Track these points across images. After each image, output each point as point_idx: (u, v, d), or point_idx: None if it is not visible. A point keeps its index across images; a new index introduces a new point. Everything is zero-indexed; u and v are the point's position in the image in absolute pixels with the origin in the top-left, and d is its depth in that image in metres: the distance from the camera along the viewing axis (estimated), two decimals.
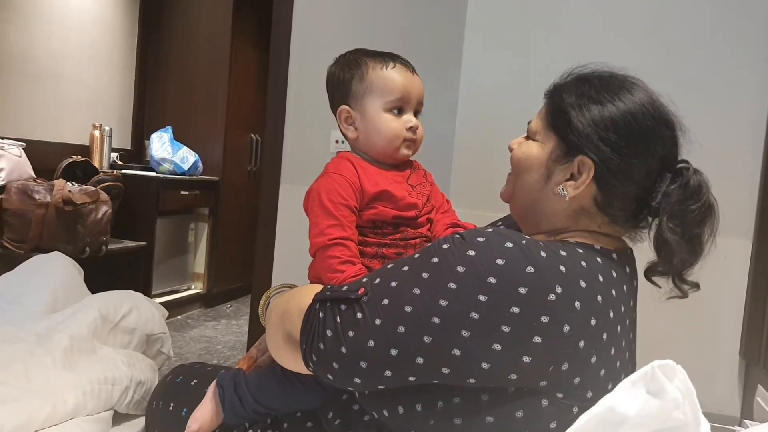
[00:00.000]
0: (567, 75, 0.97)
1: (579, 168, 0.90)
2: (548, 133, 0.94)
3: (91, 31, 3.74)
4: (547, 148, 0.93)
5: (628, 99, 0.89)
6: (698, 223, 0.87)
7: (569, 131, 0.90)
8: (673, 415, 0.67)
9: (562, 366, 0.79)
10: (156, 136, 3.90)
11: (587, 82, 0.92)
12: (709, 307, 1.77)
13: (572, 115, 0.90)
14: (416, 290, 0.82)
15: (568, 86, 0.94)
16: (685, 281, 0.91)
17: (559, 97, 0.93)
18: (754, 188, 1.75)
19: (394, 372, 0.83)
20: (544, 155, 0.94)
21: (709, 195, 0.89)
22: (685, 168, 0.90)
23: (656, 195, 0.88)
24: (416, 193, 1.11)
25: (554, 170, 0.92)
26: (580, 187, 0.90)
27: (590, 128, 0.88)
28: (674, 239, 0.86)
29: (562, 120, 0.91)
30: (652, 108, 0.90)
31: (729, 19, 1.76)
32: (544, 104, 0.97)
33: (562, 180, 0.92)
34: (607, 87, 0.91)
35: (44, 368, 1.40)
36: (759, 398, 1.63)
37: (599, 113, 0.88)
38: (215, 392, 1.10)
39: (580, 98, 0.90)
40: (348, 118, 1.12)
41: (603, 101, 0.89)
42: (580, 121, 0.89)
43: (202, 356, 3.24)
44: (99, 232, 2.98)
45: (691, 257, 0.88)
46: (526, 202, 0.98)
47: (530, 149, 0.96)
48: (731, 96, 1.76)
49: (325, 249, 1.01)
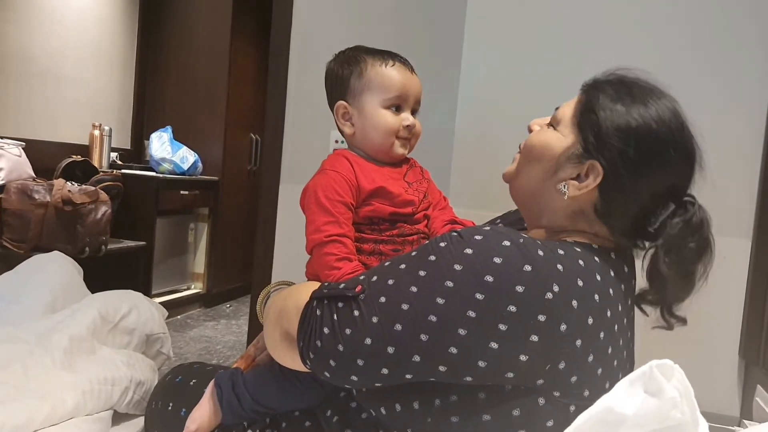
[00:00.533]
0: (611, 73, 0.95)
1: (588, 171, 0.89)
2: (572, 126, 0.92)
3: (90, 30, 3.74)
4: (565, 142, 0.92)
5: (659, 120, 0.87)
6: (694, 260, 0.87)
7: (592, 132, 0.89)
8: (671, 415, 0.67)
9: (559, 365, 0.79)
10: (155, 136, 3.90)
11: (627, 89, 0.90)
12: (708, 306, 1.77)
13: (601, 118, 0.88)
14: (413, 288, 0.82)
15: (607, 86, 0.92)
16: (673, 315, 0.91)
17: (594, 95, 0.91)
18: (754, 187, 1.75)
19: (391, 370, 0.83)
20: (559, 148, 0.92)
21: (709, 233, 0.88)
22: (690, 203, 0.89)
23: (655, 221, 0.87)
24: (413, 190, 1.11)
25: (563, 166, 0.92)
26: (582, 190, 0.89)
27: (614, 136, 0.87)
28: (669, 274, 0.86)
29: (590, 118, 0.89)
30: (679, 136, 0.88)
31: (729, 17, 1.76)
32: (578, 96, 0.95)
33: (567, 177, 0.91)
34: (644, 100, 0.88)
35: (44, 368, 1.40)
36: (758, 398, 1.62)
37: (626, 124, 0.87)
38: (213, 392, 1.10)
39: (615, 102, 0.88)
40: (345, 114, 1.12)
41: (633, 113, 0.87)
42: (606, 126, 0.87)
43: (202, 356, 3.24)
44: (98, 232, 2.98)
45: (683, 293, 0.89)
46: (526, 189, 0.98)
47: (548, 139, 0.94)
48: (731, 94, 1.76)
49: (322, 246, 1.01)
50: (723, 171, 1.71)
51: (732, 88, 1.76)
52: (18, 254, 2.72)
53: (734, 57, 1.76)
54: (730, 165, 1.74)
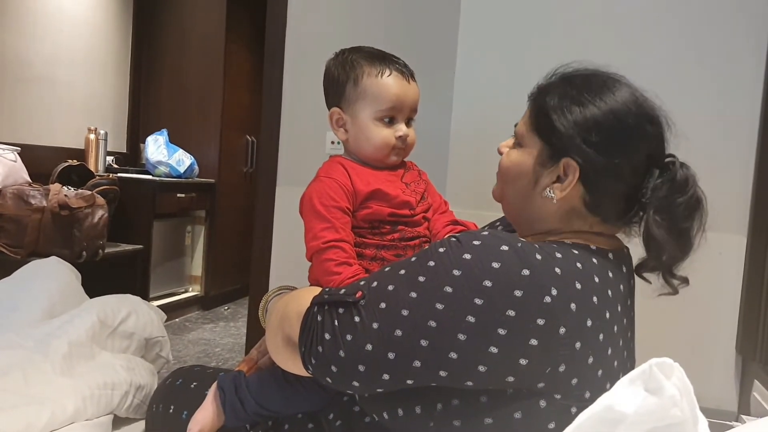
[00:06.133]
0: (551, 75, 0.97)
1: (564, 170, 0.90)
2: (533, 136, 0.94)
3: (85, 34, 3.73)
4: (532, 153, 0.94)
5: (609, 98, 0.89)
6: (686, 217, 0.86)
7: (552, 134, 0.90)
8: (671, 413, 0.67)
9: (559, 367, 0.80)
10: (151, 139, 3.89)
11: (569, 83, 0.92)
12: (705, 303, 1.78)
13: (554, 118, 0.90)
14: (413, 294, 0.82)
15: (551, 88, 0.94)
16: (674, 276, 0.90)
17: (542, 100, 0.93)
18: (748, 183, 1.75)
19: (391, 375, 0.83)
20: (530, 161, 0.94)
21: (696, 188, 0.88)
22: (671, 162, 0.89)
23: (645, 191, 0.88)
24: (410, 191, 1.11)
25: (541, 174, 0.93)
26: (566, 189, 0.90)
27: (573, 130, 0.88)
28: (660, 233, 0.85)
29: (546, 123, 0.91)
30: (635, 106, 0.89)
31: (722, 17, 1.76)
32: (528, 107, 0.97)
33: (549, 183, 0.92)
34: (589, 87, 0.90)
35: (43, 374, 1.40)
36: (756, 393, 1.63)
37: (581, 114, 0.88)
38: (216, 395, 1.10)
39: (562, 100, 0.90)
40: (339, 120, 1.12)
41: (584, 102, 0.89)
42: (563, 123, 0.89)
43: (201, 359, 3.24)
44: (95, 236, 2.98)
45: (680, 252, 0.88)
46: (516, 206, 0.99)
47: (517, 157, 0.96)
48: (724, 92, 1.76)
49: (321, 252, 1.02)
50: (717, 167, 1.73)
51: (725, 85, 1.76)
52: (15, 259, 2.71)
53: (727, 53, 1.77)
54: (724, 161, 1.75)
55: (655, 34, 1.80)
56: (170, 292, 4.00)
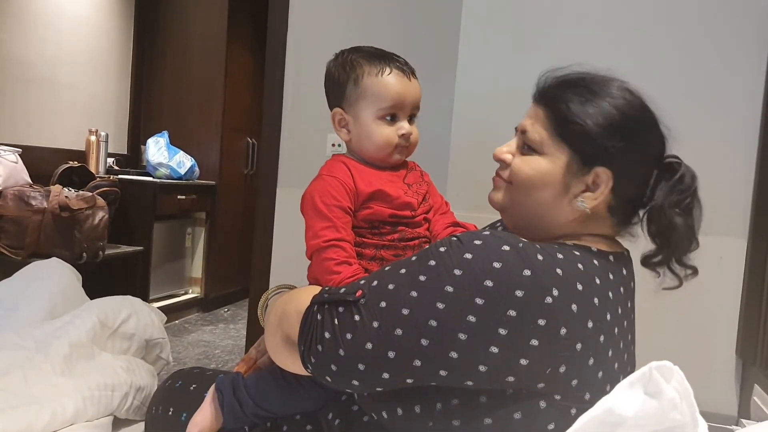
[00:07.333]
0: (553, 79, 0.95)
1: (596, 179, 0.90)
2: (558, 144, 0.91)
3: (86, 36, 3.74)
4: (560, 162, 0.91)
5: (626, 102, 0.90)
6: (692, 210, 0.90)
7: (584, 142, 0.89)
8: (671, 416, 0.67)
9: (559, 368, 0.80)
10: (152, 141, 3.89)
11: (582, 88, 0.91)
12: (706, 306, 1.78)
13: (586, 125, 0.88)
14: (413, 293, 0.82)
15: (565, 92, 0.92)
16: (686, 265, 0.92)
17: (560, 106, 0.90)
18: (749, 187, 1.76)
19: (391, 374, 0.83)
20: (558, 170, 0.91)
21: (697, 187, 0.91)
22: (677, 162, 0.92)
23: (656, 190, 0.89)
24: (412, 192, 1.11)
25: (571, 183, 0.91)
26: (599, 198, 0.90)
27: (603, 136, 0.88)
28: (680, 222, 0.87)
29: (575, 130, 0.89)
30: (648, 110, 0.91)
31: (722, 19, 1.77)
32: (542, 112, 0.93)
33: (579, 192, 0.91)
34: (603, 91, 0.90)
35: (44, 375, 1.40)
36: (756, 397, 1.63)
37: (607, 120, 0.88)
38: (214, 396, 1.10)
39: (585, 105, 0.89)
40: (341, 121, 1.12)
41: (606, 107, 0.88)
42: (594, 131, 0.88)
43: (200, 361, 3.23)
44: (96, 238, 2.98)
45: (689, 244, 0.90)
46: (533, 214, 0.95)
47: (540, 165, 0.92)
48: (725, 96, 1.77)
49: (321, 251, 1.02)
50: (718, 171, 1.73)
51: (726, 89, 1.77)
52: (15, 261, 2.72)
53: (727, 57, 1.77)
54: (725, 165, 1.75)
55: (656, 37, 1.80)
56: (170, 294, 4.00)
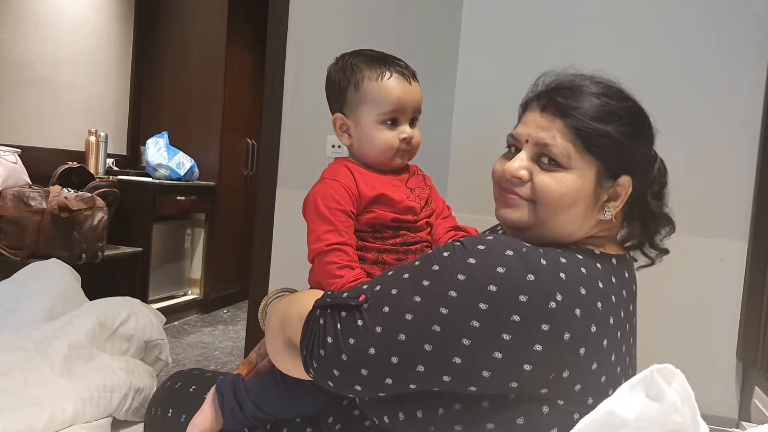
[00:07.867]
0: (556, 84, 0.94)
1: (617, 186, 0.90)
2: (585, 158, 0.88)
3: (86, 36, 3.74)
4: (589, 176, 0.89)
5: (634, 106, 0.92)
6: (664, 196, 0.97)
7: (615, 153, 0.88)
8: (672, 419, 0.67)
9: (562, 373, 0.80)
10: (152, 142, 3.89)
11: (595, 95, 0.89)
12: (706, 309, 1.78)
13: (617, 139, 0.88)
14: (417, 298, 0.82)
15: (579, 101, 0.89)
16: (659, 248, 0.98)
17: (586, 118, 0.87)
18: (750, 189, 1.75)
19: (394, 379, 0.83)
20: (588, 184, 0.89)
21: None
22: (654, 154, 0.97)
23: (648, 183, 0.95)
24: (414, 196, 1.11)
25: (600, 195, 0.90)
26: (620, 206, 0.91)
27: (631, 147, 0.89)
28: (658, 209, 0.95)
29: (605, 143, 0.88)
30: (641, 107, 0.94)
31: (722, 19, 1.77)
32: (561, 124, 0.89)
33: (605, 201, 0.91)
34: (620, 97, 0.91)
35: (43, 376, 1.40)
36: (756, 400, 1.63)
37: (629, 129, 0.89)
38: (214, 398, 1.10)
39: (607, 116, 0.88)
40: (342, 125, 1.12)
41: (623, 115, 0.89)
42: (623, 142, 0.88)
43: (200, 362, 3.23)
44: (95, 239, 2.98)
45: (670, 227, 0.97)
46: (558, 231, 0.91)
47: (572, 182, 0.88)
48: (726, 97, 1.76)
49: (323, 255, 1.01)
50: (719, 172, 1.73)
51: (727, 90, 1.77)
52: (14, 261, 2.71)
53: (728, 58, 1.77)
54: (726, 166, 1.75)
55: (656, 39, 1.80)
56: (169, 295, 4.00)
